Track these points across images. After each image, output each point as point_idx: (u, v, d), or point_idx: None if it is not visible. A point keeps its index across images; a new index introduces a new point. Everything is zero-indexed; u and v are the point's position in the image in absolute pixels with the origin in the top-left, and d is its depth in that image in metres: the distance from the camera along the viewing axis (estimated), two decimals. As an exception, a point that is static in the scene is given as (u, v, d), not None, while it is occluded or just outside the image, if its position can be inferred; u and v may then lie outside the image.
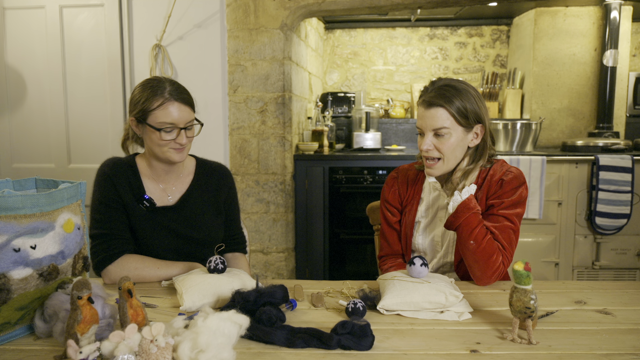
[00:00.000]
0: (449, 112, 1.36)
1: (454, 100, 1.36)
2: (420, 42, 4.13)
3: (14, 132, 3.06)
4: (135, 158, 1.55)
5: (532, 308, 0.98)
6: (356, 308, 1.08)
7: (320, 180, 3.09)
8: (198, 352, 0.87)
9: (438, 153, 1.40)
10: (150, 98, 1.40)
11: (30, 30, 2.97)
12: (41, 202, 0.99)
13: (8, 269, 0.94)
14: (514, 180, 1.42)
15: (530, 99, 3.58)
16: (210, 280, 1.21)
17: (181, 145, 1.43)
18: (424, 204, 1.54)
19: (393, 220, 1.59)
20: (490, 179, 1.44)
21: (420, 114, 1.41)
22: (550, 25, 3.48)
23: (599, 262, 2.99)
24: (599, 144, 3.10)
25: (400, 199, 1.58)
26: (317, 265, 3.15)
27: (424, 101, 1.39)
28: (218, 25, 2.87)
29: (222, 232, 1.63)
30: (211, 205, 1.59)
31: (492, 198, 1.42)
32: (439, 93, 1.37)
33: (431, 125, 1.38)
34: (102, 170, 1.50)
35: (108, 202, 1.46)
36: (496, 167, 1.47)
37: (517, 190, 1.41)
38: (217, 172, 1.63)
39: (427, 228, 1.53)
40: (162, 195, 1.54)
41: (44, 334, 1.01)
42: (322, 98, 3.77)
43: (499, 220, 1.40)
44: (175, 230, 1.51)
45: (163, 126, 1.40)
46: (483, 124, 1.41)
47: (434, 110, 1.37)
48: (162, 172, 1.53)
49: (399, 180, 1.59)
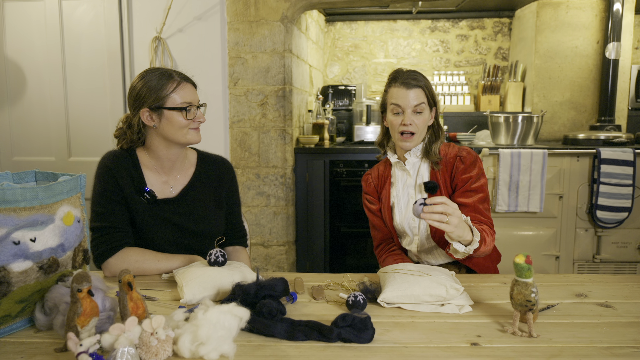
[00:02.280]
0: (424, 92, 1.58)
1: (425, 82, 1.59)
2: (421, 34, 4.10)
3: (13, 125, 3.05)
4: (136, 150, 1.54)
5: (533, 301, 0.98)
6: (357, 301, 1.08)
7: (320, 173, 3.08)
8: (198, 344, 0.87)
9: (415, 128, 1.57)
10: (165, 83, 1.44)
11: (30, 22, 2.95)
12: (41, 195, 0.99)
13: (8, 262, 0.94)
14: (470, 155, 1.61)
15: (531, 92, 3.56)
16: (211, 273, 1.21)
17: (201, 121, 1.50)
18: (395, 187, 1.69)
19: (374, 207, 1.74)
20: (445, 157, 1.62)
21: (400, 95, 1.58)
22: (553, 18, 3.46)
23: (599, 255, 2.99)
24: (600, 137, 3.09)
25: (375, 188, 1.75)
26: (317, 258, 3.16)
27: (403, 83, 1.58)
28: (218, 17, 2.86)
29: (223, 225, 1.63)
30: (212, 198, 1.59)
31: (460, 174, 1.59)
32: (414, 77, 1.58)
33: (413, 103, 1.56)
34: (103, 163, 1.49)
35: (109, 194, 1.45)
36: (444, 147, 1.65)
37: (476, 163, 1.60)
38: (219, 165, 1.64)
39: (402, 207, 1.66)
40: (163, 187, 1.54)
41: (44, 327, 1.01)
42: (322, 91, 3.76)
43: (473, 195, 1.57)
44: (176, 222, 1.51)
45: (186, 105, 1.45)
46: (436, 106, 1.64)
47: (415, 90, 1.57)
48: (168, 164, 1.53)
49: (372, 175, 1.77)
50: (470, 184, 1.57)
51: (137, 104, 1.46)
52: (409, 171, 1.65)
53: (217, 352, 0.87)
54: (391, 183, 1.71)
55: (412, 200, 1.64)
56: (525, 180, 2.89)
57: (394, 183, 1.70)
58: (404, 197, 1.67)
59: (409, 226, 1.64)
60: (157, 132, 1.48)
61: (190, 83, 1.49)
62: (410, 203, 1.64)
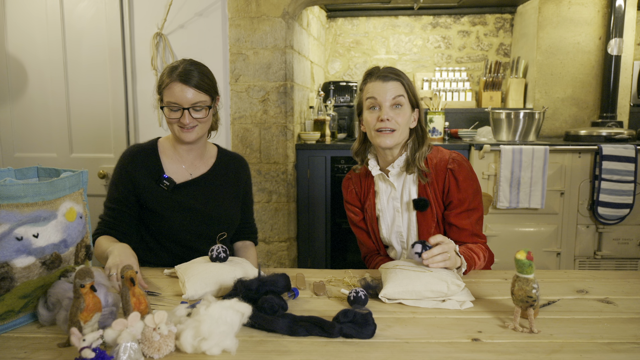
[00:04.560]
0: (403, 86, 1.47)
1: (404, 77, 1.49)
2: (423, 30, 4.09)
3: (15, 121, 3.05)
4: (158, 141, 1.62)
5: (534, 297, 0.98)
6: (358, 297, 1.08)
7: (322, 169, 3.08)
8: (200, 340, 0.87)
9: (395, 124, 1.45)
10: (163, 77, 1.50)
11: (31, 19, 2.95)
12: (43, 191, 0.99)
13: (11, 258, 0.94)
14: (461, 167, 1.48)
15: (533, 88, 3.55)
16: (213, 268, 1.21)
17: (184, 125, 1.49)
18: (379, 199, 1.58)
19: (357, 219, 1.64)
20: (435, 169, 1.49)
21: (376, 88, 1.47)
22: (555, 14, 3.44)
23: (600, 251, 2.99)
24: (602, 134, 3.08)
25: (358, 196, 1.63)
26: (319, 254, 3.16)
27: (380, 77, 1.47)
28: (219, 13, 2.85)
29: (239, 217, 1.69)
30: (230, 189, 1.66)
31: (454, 192, 1.47)
32: (391, 71, 1.48)
33: (391, 95, 1.45)
34: (121, 162, 1.58)
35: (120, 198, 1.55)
36: (433, 155, 1.52)
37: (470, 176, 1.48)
38: (237, 162, 1.72)
39: (388, 220, 1.57)
40: (184, 173, 1.60)
41: (47, 322, 1.01)
42: (324, 87, 3.75)
43: (470, 216, 1.47)
44: (193, 207, 1.56)
45: (169, 105, 1.48)
46: (419, 108, 1.52)
47: (392, 82, 1.46)
48: (184, 152, 1.60)
49: (352, 180, 1.64)
50: (468, 204, 1.46)
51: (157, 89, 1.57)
52: (393, 184, 1.53)
53: (219, 347, 0.87)
54: (375, 192, 1.58)
55: (397, 215, 1.54)
56: (526, 176, 2.89)
57: (378, 193, 1.57)
58: (389, 210, 1.56)
59: (397, 240, 1.56)
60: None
61: (183, 83, 1.45)
62: (397, 217, 1.54)
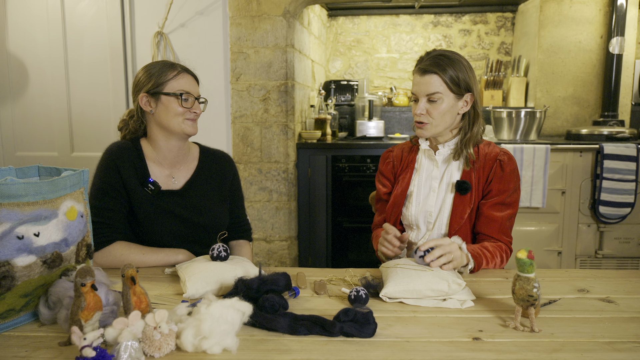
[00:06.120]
0: (442, 79, 1.45)
1: (447, 68, 1.45)
2: (424, 29, 4.09)
3: (16, 120, 3.06)
4: (140, 142, 1.54)
5: (535, 296, 0.98)
6: (359, 295, 1.08)
7: (323, 168, 3.08)
8: (201, 338, 0.87)
9: (429, 118, 1.48)
10: (165, 70, 1.47)
11: (32, 17, 2.95)
12: (44, 190, 0.99)
13: (12, 256, 0.94)
14: (511, 161, 1.50)
15: (534, 87, 3.55)
16: (213, 267, 1.21)
17: (196, 115, 1.50)
18: (417, 175, 1.59)
19: (383, 191, 1.66)
20: (484, 158, 1.51)
21: (415, 81, 1.50)
22: (556, 12, 3.44)
23: (602, 250, 2.99)
24: (603, 133, 3.08)
25: (393, 170, 1.65)
26: (319, 253, 3.16)
27: (419, 69, 1.48)
28: (220, 12, 2.85)
29: (227, 219, 1.64)
30: (216, 192, 1.60)
31: (497, 182, 1.49)
32: (434, 62, 1.46)
33: (425, 90, 1.47)
34: (106, 155, 1.49)
35: (107, 189, 1.45)
36: (484, 147, 1.54)
37: (515, 172, 1.50)
38: (221, 160, 1.65)
39: (421, 199, 1.58)
40: (167, 180, 1.54)
41: (48, 321, 1.01)
42: (325, 86, 3.75)
43: (504, 210, 1.48)
44: (180, 215, 1.51)
45: (182, 92, 1.46)
46: (472, 92, 1.49)
47: (428, 77, 1.46)
48: (169, 155, 1.54)
49: (393, 153, 1.67)
50: (506, 197, 1.48)
51: (137, 89, 1.50)
52: (437, 162, 1.55)
53: (219, 346, 0.87)
54: (414, 169, 1.60)
55: (432, 194, 1.55)
56: (527, 175, 2.88)
57: (418, 170, 1.59)
58: (425, 188, 1.57)
59: (424, 220, 1.56)
60: (155, 120, 1.49)
61: (191, 75, 1.51)
62: (431, 196, 1.55)
